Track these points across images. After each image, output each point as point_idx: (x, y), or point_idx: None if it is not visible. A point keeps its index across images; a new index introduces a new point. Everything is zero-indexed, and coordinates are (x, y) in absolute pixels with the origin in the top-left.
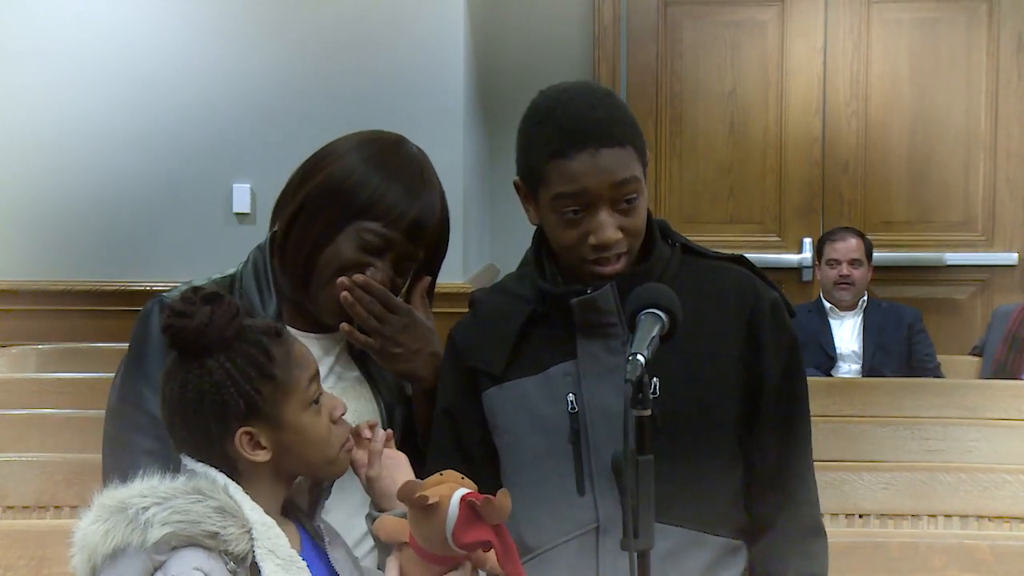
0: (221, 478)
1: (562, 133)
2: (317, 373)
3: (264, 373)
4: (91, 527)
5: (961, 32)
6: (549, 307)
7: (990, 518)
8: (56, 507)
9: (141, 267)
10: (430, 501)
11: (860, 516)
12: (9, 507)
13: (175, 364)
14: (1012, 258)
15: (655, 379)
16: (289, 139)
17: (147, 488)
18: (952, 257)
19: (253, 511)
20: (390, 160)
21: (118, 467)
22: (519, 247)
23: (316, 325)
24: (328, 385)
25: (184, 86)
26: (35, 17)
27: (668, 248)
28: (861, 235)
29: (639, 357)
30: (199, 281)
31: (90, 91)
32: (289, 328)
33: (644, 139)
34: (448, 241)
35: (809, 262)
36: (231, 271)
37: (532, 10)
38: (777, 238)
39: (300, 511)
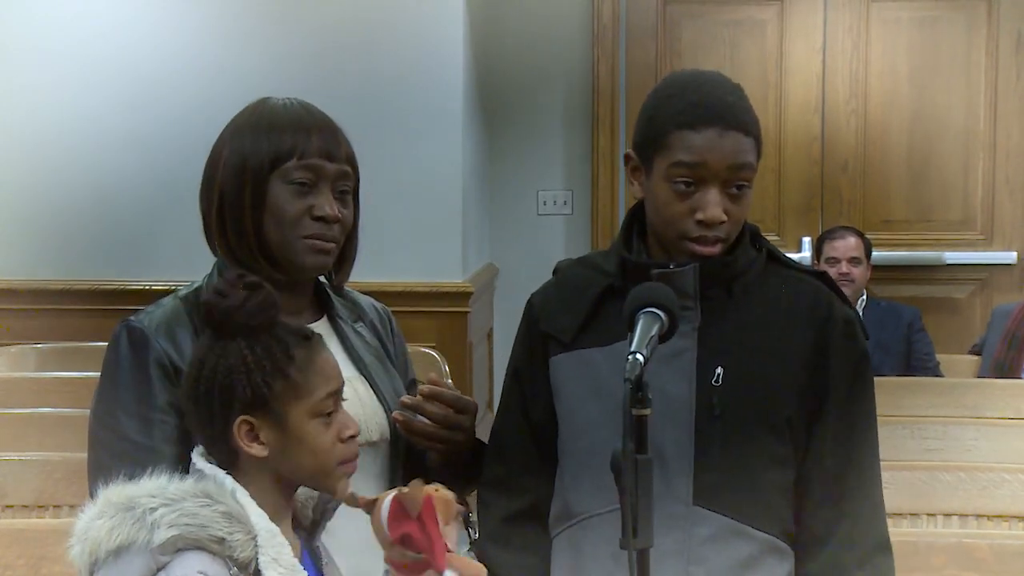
0: (229, 482)
1: (694, 106)
2: (339, 391)
3: (279, 369)
4: (96, 522)
5: (960, 31)
6: (628, 280)
7: (989, 517)
8: (55, 506)
9: (140, 267)
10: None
11: None
12: (8, 506)
13: (204, 343)
14: (1011, 257)
15: (719, 369)
16: None
17: (156, 488)
18: (951, 256)
19: (259, 518)
20: (265, 113)
21: None
22: (518, 247)
23: (299, 318)
24: None
25: (184, 86)
26: (35, 17)
27: (754, 251)
28: (860, 234)
29: (638, 356)
30: (168, 297)
31: (90, 91)
32: None
33: (760, 135)
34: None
35: (808, 261)
36: (198, 283)
37: (531, 9)
38: (776, 237)
39: (302, 528)
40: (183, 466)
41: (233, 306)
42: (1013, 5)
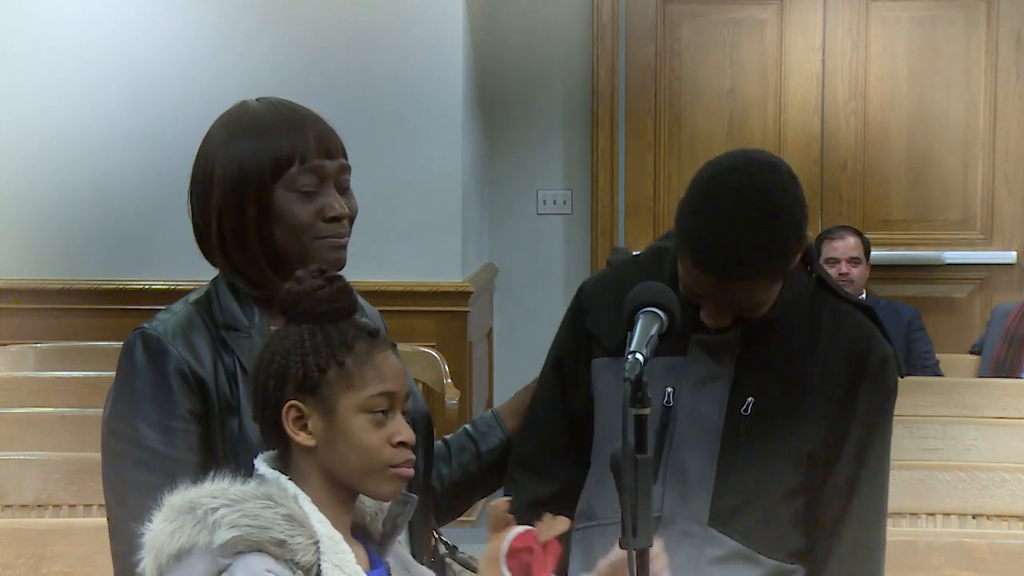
0: (291, 487)
1: (695, 249)
2: (396, 395)
3: (334, 356)
4: (159, 527)
5: (960, 31)
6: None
7: (988, 516)
8: (55, 506)
9: (140, 266)
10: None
11: None
12: (8, 506)
13: (276, 328)
14: (1011, 256)
15: (750, 399)
16: None
17: (218, 489)
18: (951, 256)
19: (321, 524)
20: (250, 119)
21: (127, 507)
22: (518, 246)
23: None
24: None
25: (184, 86)
26: (35, 17)
27: (804, 276)
28: (859, 233)
29: (638, 356)
30: (178, 303)
31: (90, 91)
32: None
33: (786, 250)
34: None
35: None
36: (206, 287)
37: (531, 9)
38: None
39: (374, 541)
40: (205, 477)
41: (305, 291)
42: (1013, 5)
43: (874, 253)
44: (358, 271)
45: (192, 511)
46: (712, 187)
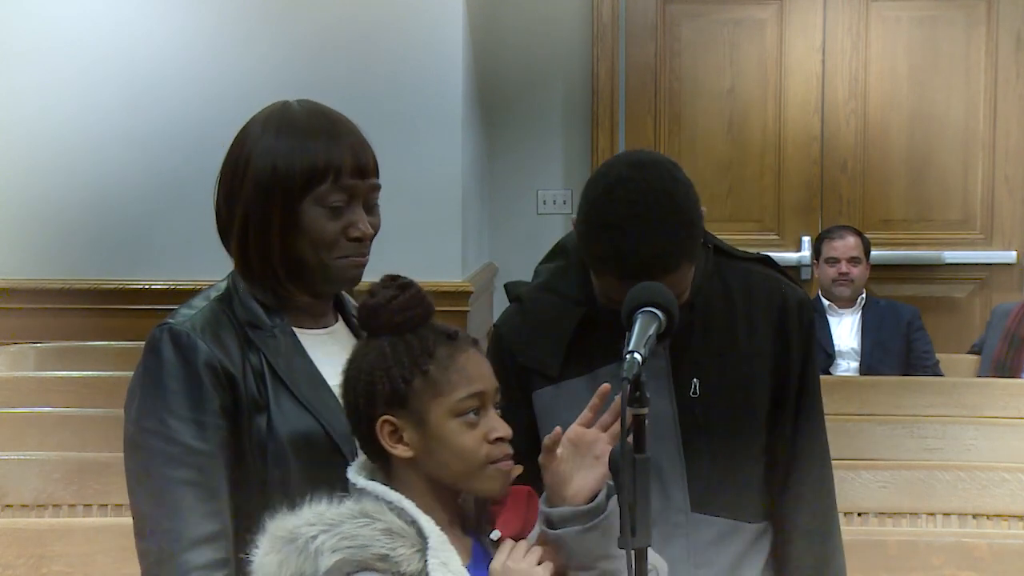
0: (393, 495)
1: (617, 263)
2: (485, 394)
3: (418, 365)
4: (265, 559)
5: (960, 31)
6: (600, 309)
7: (988, 516)
8: (55, 505)
9: (140, 266)
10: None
11: (859, 514)
12: (8, 506)
13: (358, 343)
14: (1010, 256)
15: (695, 380)
16: None
17: (314, 516)
18: (951, 255)
19: (427, 522)
20: (290, 125)
21: (159, 504)
22: (518, 246)
23: (322, 321)
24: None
25: (184, 86)
26: (35, 17)
27: (703, 249)
28: (859, 233)
29: (636, 356)
30: (197, 298)
31: (90, 91)
32: (298, 329)
33: (696, 230)
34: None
35: (808, 260)
36: (223, 282)
37: (531, 9)
38: (776, 236)
39: (467, 519)
40: (233, 475)
41: (380, 304)
42: (1013, 5)
43: (874, 253)
44: None
45: (294, 541)
46: (611, 199)
